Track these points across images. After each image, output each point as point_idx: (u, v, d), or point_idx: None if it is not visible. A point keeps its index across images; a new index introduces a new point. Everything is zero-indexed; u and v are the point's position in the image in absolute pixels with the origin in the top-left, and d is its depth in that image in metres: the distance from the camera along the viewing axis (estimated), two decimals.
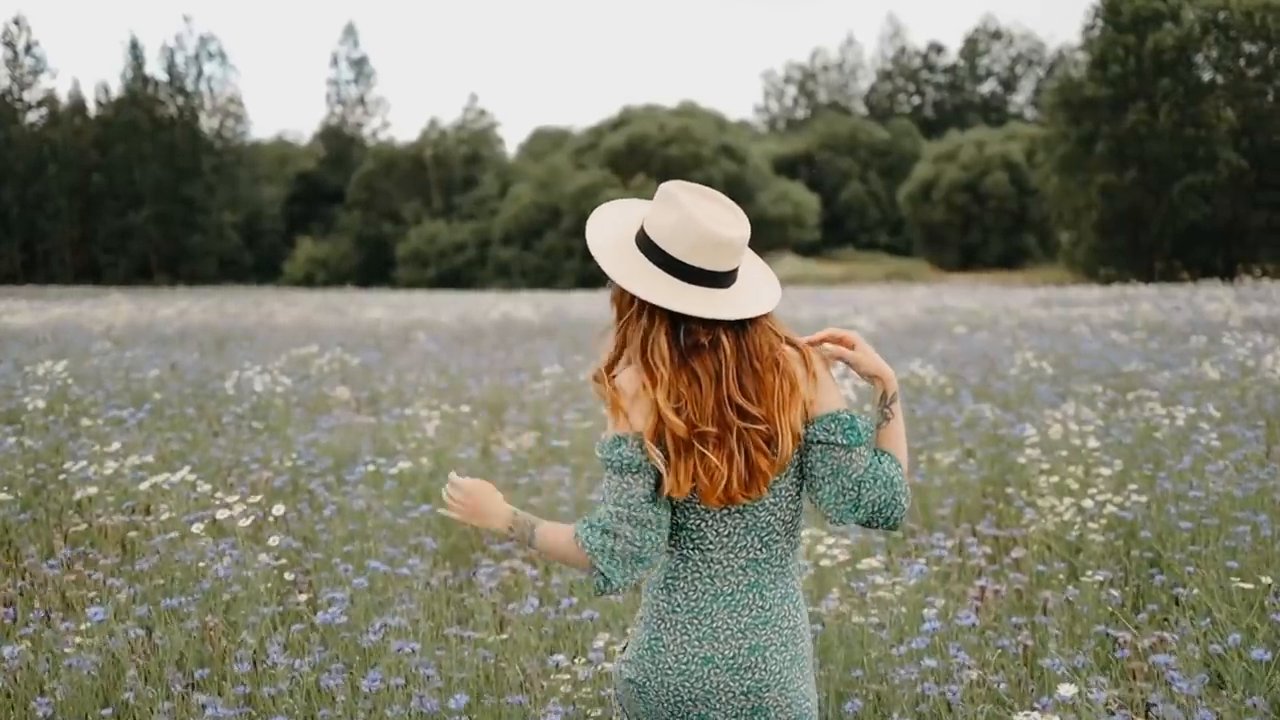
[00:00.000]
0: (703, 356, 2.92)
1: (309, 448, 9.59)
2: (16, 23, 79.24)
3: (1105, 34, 57.32)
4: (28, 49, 79.18)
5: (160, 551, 6.20)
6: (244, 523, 5.70)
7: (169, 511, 6.64)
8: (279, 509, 5.66)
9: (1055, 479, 7.38)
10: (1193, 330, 18.26)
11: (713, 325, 2.93)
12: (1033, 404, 11.34)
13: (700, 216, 2.90)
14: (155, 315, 26.96)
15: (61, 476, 8.08)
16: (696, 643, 2.99)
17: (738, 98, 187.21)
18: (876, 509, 2.98)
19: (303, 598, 5.58)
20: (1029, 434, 8.42)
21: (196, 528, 5.67)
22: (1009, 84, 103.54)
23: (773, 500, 3.00)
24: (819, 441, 2.97)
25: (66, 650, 5.07)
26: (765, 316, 3.01)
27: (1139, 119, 55.02)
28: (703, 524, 2.99)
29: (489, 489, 3.16)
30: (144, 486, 6.97)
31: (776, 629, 3.02)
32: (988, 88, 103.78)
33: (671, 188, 2.97)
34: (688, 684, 2.98)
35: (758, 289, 3.03)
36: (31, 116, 78.95)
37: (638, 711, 3.08)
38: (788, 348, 3.00)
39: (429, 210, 75.88)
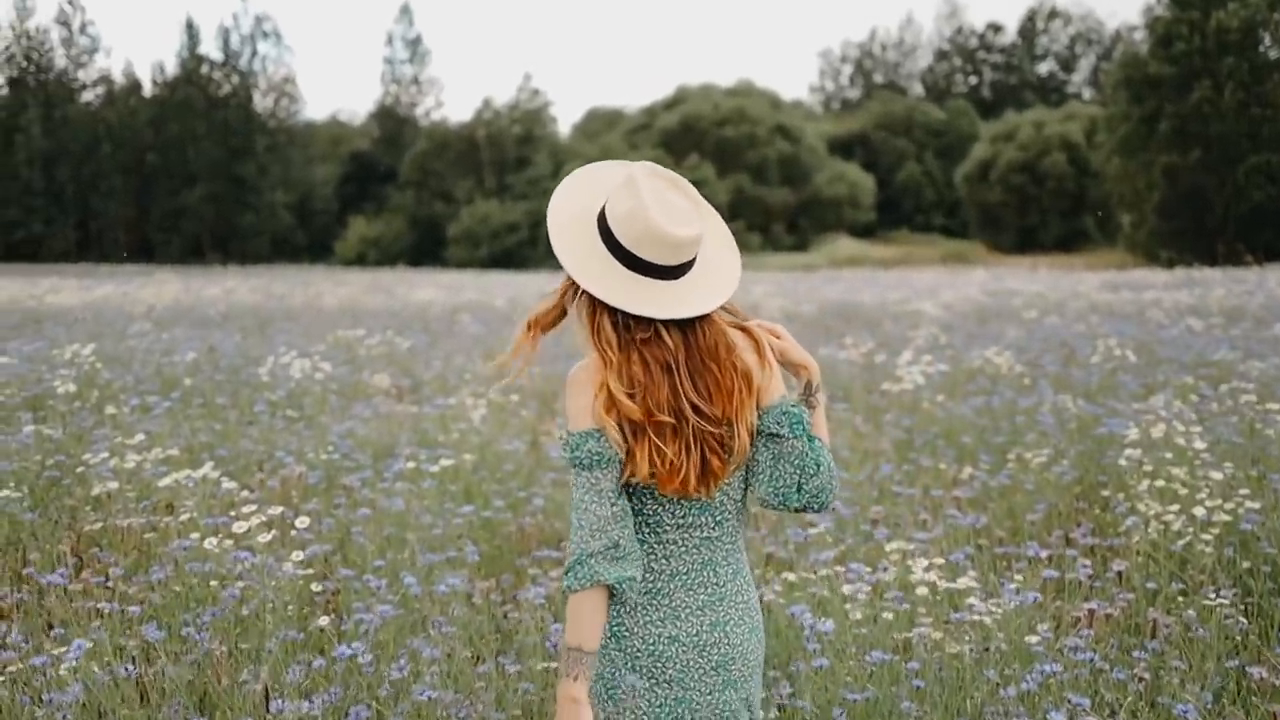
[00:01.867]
0: (648, 345, 2.92)
1: (345, 439, 8.97)
2: (71, 2, 79.32)
3: (1169, 12, 56.01)
4: (82, 28, 79.31)
5: (176, 558, 5.63)
6: (264, 537, 5.09)
7: (189, 512, 6.08)
8: (303, 521, 5.05)
9: (1159, 482, 6.64)
10: (1273, 316, 17.41)
11: (649, 319, 2.91)
12: (1116, 395, 10.62)
13: (653, 210, 2.87)
14: (200, 295, 26.50)
15: (79, 470, 7.49)
16: (659, 623, 2.99)
17: (793, 77, 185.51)
18: (813, 494, 3.02)
19: (325, 620, 4.99)
20: (1129, 432, 7.61)
21: (210, 543, 5.07)
22: (1067, 64, 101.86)
23: (726, 482, 3.03)
24: (768, 434, 3.01)
25: (63, 674, 4.46)
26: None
27: (1203, 97, 53.73)
28: (660, 508, 2.99)
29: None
30: (164, 483, 6.40)
31: (733, 604, 3.04)
32: (1046, 68, 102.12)
33: (637, 172, 2.94)
34: (659, 665, 2.98)
35: (711, 283, 3.00)
36: (87, 96, 79.20)
37: (610, 712, 3.02)
38: (738, 334, 3.03)
39: (481, 190, 75.35)
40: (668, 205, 2.89)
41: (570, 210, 3.02)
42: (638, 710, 2.99)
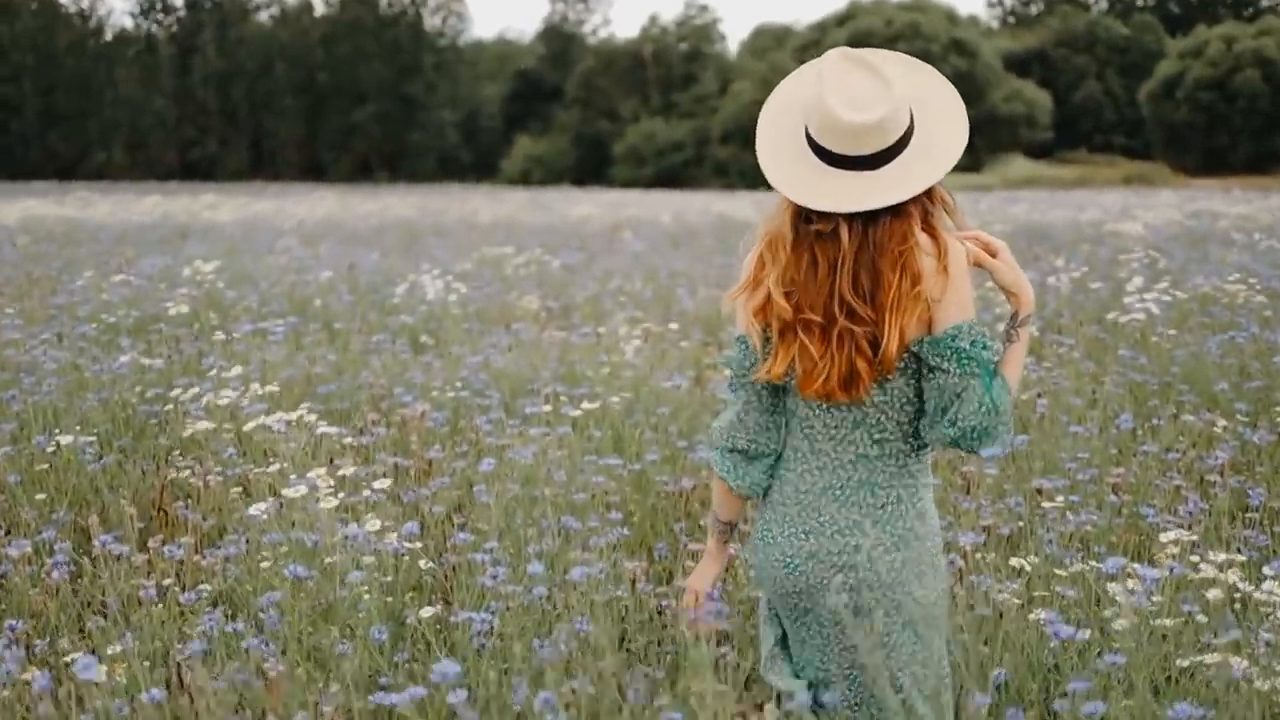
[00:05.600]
0: (824, 242, 2.79)
1: (479, 372, 7.78)
2: None
3: None
4: None
5: (250, 527, 4.55)
6: (363, 495, 3.98)
7: (282, 462, 5.02)
8: (383, 482, 3.93)
9: None
10: None
11: (830, 214, 2.77)
12: None
13: (830, 96, 2.73)
14: (355, 211, 25.72)
15: (168, 408, 6.41)
16: (803, 536, 2.94)
17: None
18: (974, 434, 2.81)
19: (428, 612, 3.88)
20: None
21: (297, 505, 3.96)
22: None
23: (883, 399, 2.87)
24: (936, 368, 2.81)
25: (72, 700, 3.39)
26: (913, 201, 2.79)
27: None
28: (811, 414, 2.93)
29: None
30: (249, 427, 5.34)
31: (887, 529, 2.89)
32: None
33: (822, 60, 2.82)
34: (792, 577, 2.94)
35: (910, 171, 2.76)
36: (261, 16, 79.98)
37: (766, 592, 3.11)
38: (924, 236, 2.78)
39: (647, 108, 74.37)
40: (846, 89, 2.73)
41: (793, 98, 2.90)
42: (771, 610, 3.11)
